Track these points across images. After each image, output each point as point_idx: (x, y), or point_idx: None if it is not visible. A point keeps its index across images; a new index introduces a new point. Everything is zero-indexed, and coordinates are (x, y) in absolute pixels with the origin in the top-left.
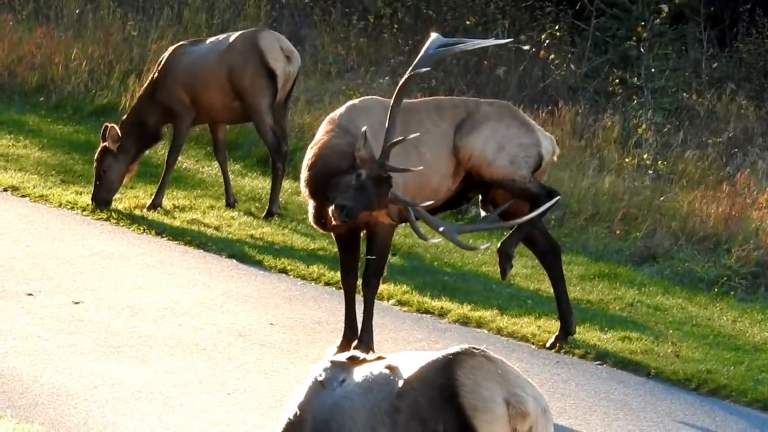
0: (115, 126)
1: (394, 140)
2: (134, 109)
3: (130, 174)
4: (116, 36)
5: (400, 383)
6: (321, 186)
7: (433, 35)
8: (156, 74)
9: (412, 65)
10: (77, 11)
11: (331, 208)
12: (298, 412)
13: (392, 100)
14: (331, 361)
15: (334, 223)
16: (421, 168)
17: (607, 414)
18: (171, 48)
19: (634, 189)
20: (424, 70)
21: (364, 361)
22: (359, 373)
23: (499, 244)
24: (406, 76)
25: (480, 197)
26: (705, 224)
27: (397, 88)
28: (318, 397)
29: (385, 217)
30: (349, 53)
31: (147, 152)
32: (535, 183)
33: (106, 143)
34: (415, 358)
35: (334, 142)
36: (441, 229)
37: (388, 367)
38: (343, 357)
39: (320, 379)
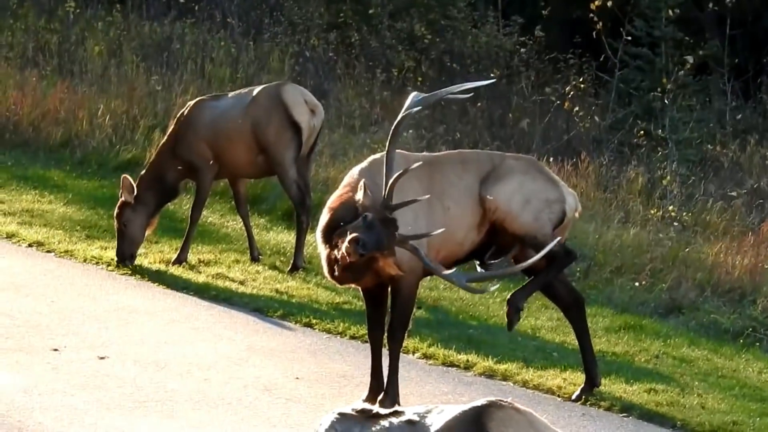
0: (128, 176)
1: (395, 175)
2: (153, 164)
3: (151, 227)
4: (140, 90)
5: None
6: (330, 235)
7: (413, 93)
8: (176, 129)
9: (403, 108)
10: (101, 66)
11: (344, 245)
12: None
13: (387, 144)
14: (340, 413)
15: (349, 260)
16: (427, 197)
17: None
18: (191, 103)
19: (659, 241)
20: (416, 109)
21: (378, 414)
22: (377, 428)
23: (509, 295)
24: (398, 119)
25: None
26: (730, 276)
27: (392, 129)
28: None
29: (392, 267)
30: (373, 106)
31: (171, 207)
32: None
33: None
34: (439, 412)
35: (345, 198)
36: (446, 273)
37: (409, 421)
38: (351, 409)
39: None
